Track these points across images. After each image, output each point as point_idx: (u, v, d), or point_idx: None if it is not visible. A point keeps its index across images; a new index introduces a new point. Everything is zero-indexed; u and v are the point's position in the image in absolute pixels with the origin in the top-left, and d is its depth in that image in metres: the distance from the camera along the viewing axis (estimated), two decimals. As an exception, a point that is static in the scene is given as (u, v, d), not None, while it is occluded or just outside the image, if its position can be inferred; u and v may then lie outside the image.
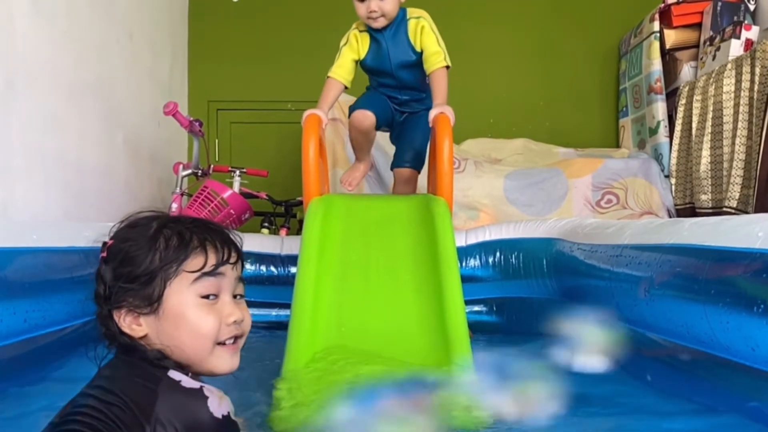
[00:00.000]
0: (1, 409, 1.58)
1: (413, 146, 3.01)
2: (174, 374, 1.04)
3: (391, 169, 3.10)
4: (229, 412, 1.04)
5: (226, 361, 1.10)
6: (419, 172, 3.07)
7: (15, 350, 1.77)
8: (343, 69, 2.87)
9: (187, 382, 1.04)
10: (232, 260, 1.11)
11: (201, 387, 1.04)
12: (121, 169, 3.99)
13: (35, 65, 2.97)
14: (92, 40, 3.57)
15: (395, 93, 3.00)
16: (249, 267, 3.19)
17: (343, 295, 2.05)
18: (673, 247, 1.74)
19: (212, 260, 1.08)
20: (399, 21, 2.81)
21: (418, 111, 3.02)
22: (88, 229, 1.95)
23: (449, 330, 1.87)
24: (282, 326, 2.53)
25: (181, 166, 3.76)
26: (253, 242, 3.25)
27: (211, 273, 1.08)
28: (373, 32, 2.85)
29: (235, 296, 1.13)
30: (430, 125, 2.66)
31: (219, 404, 1.02)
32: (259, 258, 3.22)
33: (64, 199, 3.25)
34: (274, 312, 3.17)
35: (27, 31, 2.89)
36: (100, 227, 1.15)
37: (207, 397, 1.02)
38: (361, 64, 2.95)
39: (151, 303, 1.06)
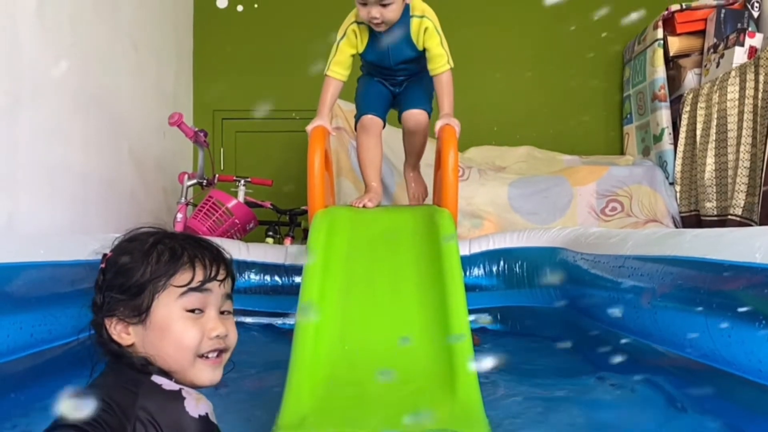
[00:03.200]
0: (6, 423, 1.59)
1: (420, 92, 2.95)
2: (156, 378, 1.10)
3: (399, 117, 3.02)
4: (207, 413, 1.09)
5: (207, 374, 1.14)
6: (430, 116, 2.98)
7: (21, 365, 1.78)
8: (340, 66, 2.83)
9: (168, 385, 1.09)
10: (220, 277, 1.15)
11: (180, 389, 1.09)
12: (127, 179, 4.02)
13: (41, 77, 3.00)
14: (97, 51, 3.60)
15: (393, 77, 2.97)
16: (253, 277, 3.20)
17: (348, 309, 2.05)
18: (674, 259, 1.75)
19: (199, 276, 1.13)
20: (401, 19, 2.72)
21: (416, 73, 2.96)
22: (94, 242, 1.96)
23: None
24: (286, 336, 2.54)
25: (186, 176, 3.78)
26: (257, 252, 3.27)
27: (198, 289, 1.12)
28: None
29: (222, 312, 1.17)
30: (436, 136, 2.66)
31: (196, 405, 1.07)
32: (264, 267, 3.23)
33: (70, 210, 3.27)
34: (279, 321, 3.18)
35: (32, 44, 2.92)
36: (107, 239, 1.19)
37: (184, 398, 1.07)
38: (360, 56, 2.90)
39: (140, 314, 1.11)
